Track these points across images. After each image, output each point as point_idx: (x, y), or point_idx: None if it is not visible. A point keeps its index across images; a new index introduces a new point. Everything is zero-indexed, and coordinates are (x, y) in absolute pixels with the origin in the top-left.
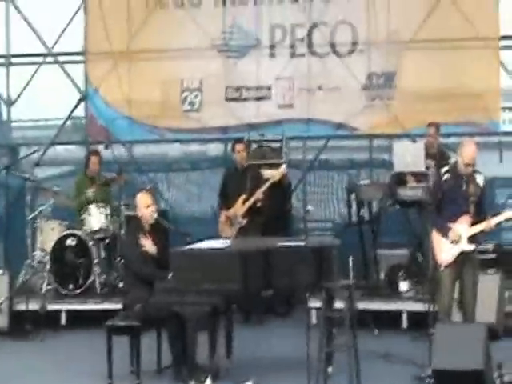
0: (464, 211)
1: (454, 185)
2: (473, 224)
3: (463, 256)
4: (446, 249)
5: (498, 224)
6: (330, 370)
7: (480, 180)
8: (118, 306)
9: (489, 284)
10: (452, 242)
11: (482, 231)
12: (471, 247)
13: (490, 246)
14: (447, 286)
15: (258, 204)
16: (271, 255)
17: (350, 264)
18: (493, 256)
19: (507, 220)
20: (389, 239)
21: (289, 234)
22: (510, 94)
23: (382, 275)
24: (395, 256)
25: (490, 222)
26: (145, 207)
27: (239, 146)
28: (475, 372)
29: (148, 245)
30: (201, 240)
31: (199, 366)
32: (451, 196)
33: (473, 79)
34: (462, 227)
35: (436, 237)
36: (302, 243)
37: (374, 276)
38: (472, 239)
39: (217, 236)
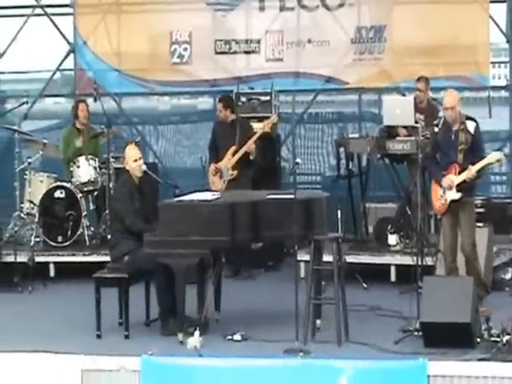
0: (453, 161)
1: (444, 136)
2: (461, 172)
3: (457, 204)
4: (439, 198)
5: (481, 170)
6: (318, 322)
7: (471, 127)
8: (107, 259)
9: (477, 238)
10: (445, 190)
11: (464, 180)
12: (458, 196)
13: (478, 201)
14: (447, 235)
15: (251, 156)
16: (260, 208)
17: (339, 217)
18: (481, 210)
19: (489, 164)
20: (378, 193)
21: (278, 188)
22: (499, 49)
23: (371, 229)
24: (384, 209)
25: (471, 170)
26: (133, 160)
27: (219, 105)
28: (463, 325)
29: None
30: (190, 192)
31: (188, 319)
32: (443, 147)
33: (462, 33)
34: (454, 176)
35: (433, 186)
36: (291, 196)
37: (362, 229)
38: (459, 188)
39: (206, 188)
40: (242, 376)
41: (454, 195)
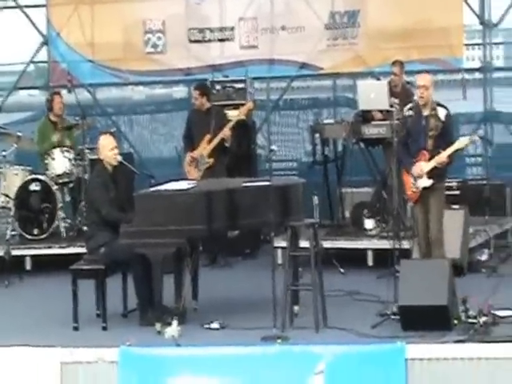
0: (422, 147)
1: (415, 122)
2: (431, 159)
3: (428, 191)
4: (411, 186)
5: (452, 155)
6: (296, 308)
7: (442, 114)
8: (83, 250)
9: (453, 220)
10: (416, 178)
11: (435, 167)
12: (429, 183)
13: (454, 183)
14: (420, 222)
15: (226, 144)
16: (236, 195)
17: (315, 203)
18: (457, 192)
19: (459, 149)
20: (353, 178)
21: (253, 175)
22: (473, 31)
23: (347, 214)
24: (360, 194)
25: (441, 156)
26: (108, 149)
27: (194, 93)
28: (440, 307)
29: None
30: (165, 182)
31: (165, 308)
32: (413, 133)
33: (436, 16)
34: (424, 163)
35: (404, 174)
36: (267, 182)
37: (338, 215)
38: (430, 174)
39: (182, 178)
40: (221, 364)
41: (426, 182)
